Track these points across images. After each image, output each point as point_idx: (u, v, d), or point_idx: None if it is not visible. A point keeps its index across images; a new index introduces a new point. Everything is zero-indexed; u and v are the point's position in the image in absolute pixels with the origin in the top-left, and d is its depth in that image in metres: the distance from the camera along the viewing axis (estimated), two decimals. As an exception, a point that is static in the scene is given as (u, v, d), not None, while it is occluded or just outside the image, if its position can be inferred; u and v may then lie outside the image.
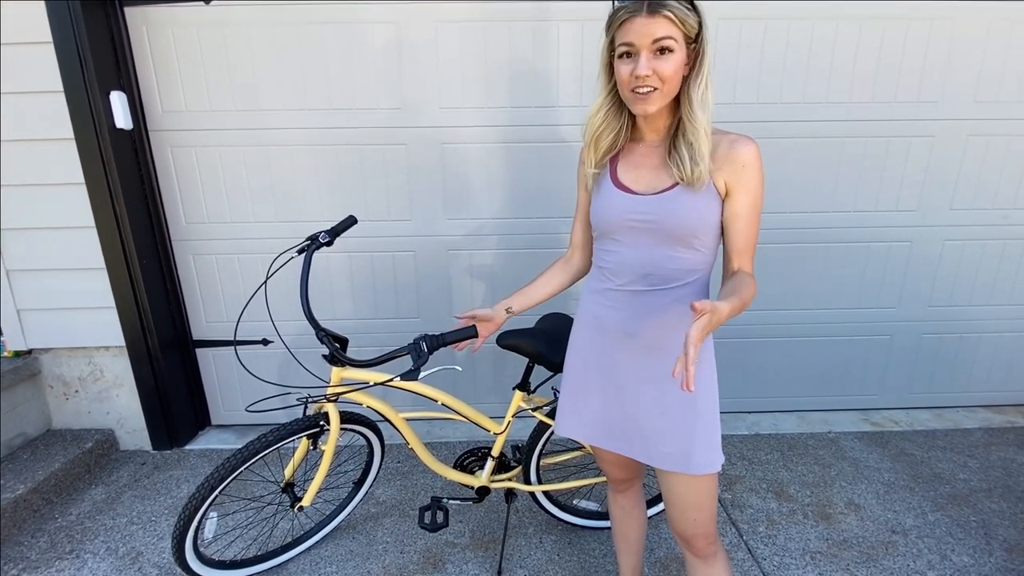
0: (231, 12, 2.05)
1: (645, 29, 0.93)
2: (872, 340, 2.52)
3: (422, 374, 1.31)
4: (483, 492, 1.75)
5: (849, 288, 2.45)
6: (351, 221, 1.58)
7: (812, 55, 2.14)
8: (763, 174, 1.02)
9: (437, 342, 1.33)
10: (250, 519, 1.90)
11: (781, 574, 1.68)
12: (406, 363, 1.31)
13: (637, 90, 0.97)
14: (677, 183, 1.02)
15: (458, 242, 2.34)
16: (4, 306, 2.18)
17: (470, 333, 1.31)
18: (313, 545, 1.81)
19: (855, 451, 2.30)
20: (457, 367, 1.46)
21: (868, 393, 2.61)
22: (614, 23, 0.98)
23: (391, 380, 1.44)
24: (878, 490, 2.05)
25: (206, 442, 2.45)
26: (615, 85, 1.03)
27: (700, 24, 0.96)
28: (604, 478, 1.79)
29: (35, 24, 1.88)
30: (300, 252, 1.49)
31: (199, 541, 1.54)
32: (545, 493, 1.81)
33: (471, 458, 1.77)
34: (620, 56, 0.99)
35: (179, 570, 1.56)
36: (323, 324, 1.43)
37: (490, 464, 1.71)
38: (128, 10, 2.04)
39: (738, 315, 0.95)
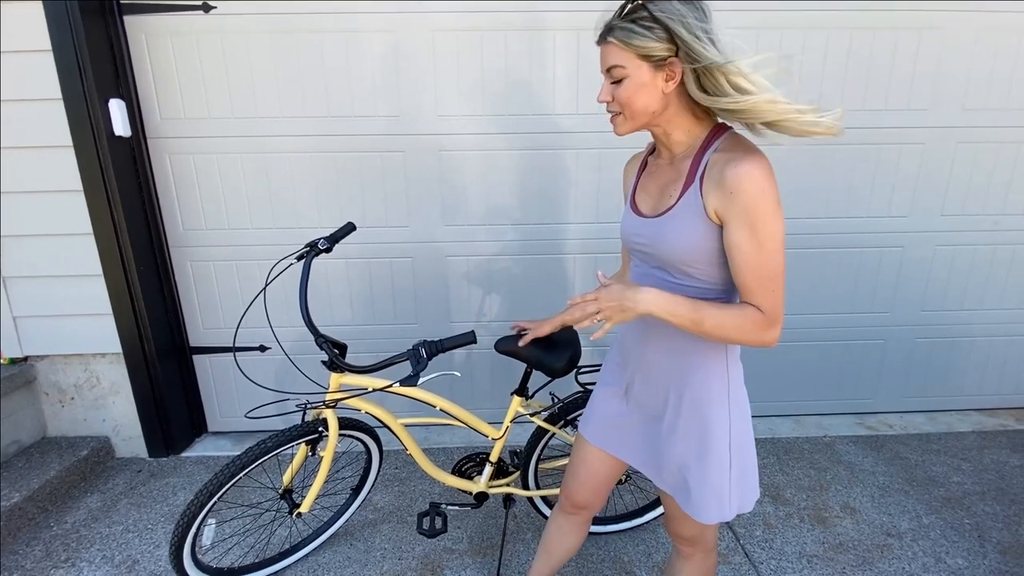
0: (230, 21, 2.07)
1: (601, 58, 0.97)
2: (866, 344, 2.55)
3: (421, 380, 1.32)
4: (481, 498, 1.75)
5: (843, 293, 2.47)
6: (350, 228, 1.59)
7: (803, 64, 2.18)
8: (764, 201, 0.88)
9: (436, 348, 1.34)
10: (248, 526, 1.90)
11: (778, 578, 1.70)
12: (405, 369, 1.32)
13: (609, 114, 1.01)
14: (672, 206, 0.97)
15: (455, 248, 2.35)
16: (0, 313, 2.18)
17: (468, 339, 1.33)
18: (311, 552, 1.80)
19: (850, 455, 2.32)
20: (456, 372, 1.47)
21: (863, 397, 2.63)
22: None
23: (390, 386, 1.45)
24: (873, 493, 2.07)
25: (203, 449, 2.44)
26: None
27: (669, 38, 0.89)
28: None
29: (35, 32, 1.89)
30: (299, 259, 1.50)
31: (197, 548, 1.54)
32: (543, 498, 1.81)
33: (469, 463, 1.77)
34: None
35: (176, 578, 1.56)
36: (321, 330, 1.44)
37: (488, 469, 1.71)
38: (127, 18, 2.05)
39: (692, 329, 0.90)
